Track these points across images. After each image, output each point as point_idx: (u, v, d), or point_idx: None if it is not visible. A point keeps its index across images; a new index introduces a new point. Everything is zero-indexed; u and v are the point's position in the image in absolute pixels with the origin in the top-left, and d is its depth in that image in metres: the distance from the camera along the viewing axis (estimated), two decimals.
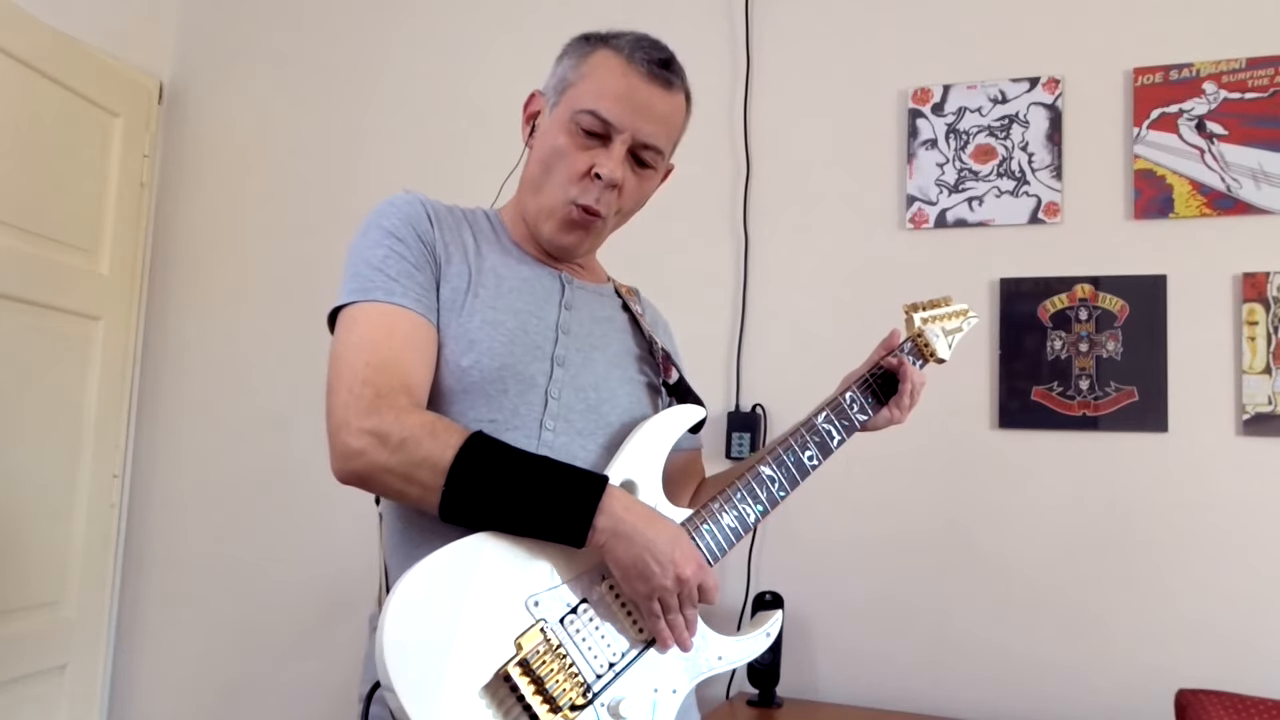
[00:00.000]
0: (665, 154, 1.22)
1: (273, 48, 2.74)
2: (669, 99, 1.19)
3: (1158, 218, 2.05)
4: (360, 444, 1.01)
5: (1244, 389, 1.96)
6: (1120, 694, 1.96)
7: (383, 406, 1.02)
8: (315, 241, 2.60)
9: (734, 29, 2.38)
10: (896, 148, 2.24)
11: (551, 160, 1.17)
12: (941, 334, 1.35)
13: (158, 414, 2.69)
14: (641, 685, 1.07)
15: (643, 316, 1.32)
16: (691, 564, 1.05)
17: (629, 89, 1.15)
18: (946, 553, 2.10)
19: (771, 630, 1.21)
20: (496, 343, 1.13)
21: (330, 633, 2.47)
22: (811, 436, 1.23)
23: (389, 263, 1.10)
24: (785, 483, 1.20)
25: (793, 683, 2.12)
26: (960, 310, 1.39)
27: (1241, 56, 2.03)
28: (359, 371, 1.04)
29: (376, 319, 1.08)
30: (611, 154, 1.15)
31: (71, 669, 2.48)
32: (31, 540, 2.36)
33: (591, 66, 1.17)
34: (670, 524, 1.08)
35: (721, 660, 1.15)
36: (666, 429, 1.17)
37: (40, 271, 2.36)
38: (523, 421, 1.12)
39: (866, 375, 1.28)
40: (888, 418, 1.29)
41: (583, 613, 1.06)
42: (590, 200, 1.16)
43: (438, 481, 1.01)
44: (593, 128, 1.15)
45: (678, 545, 1.05)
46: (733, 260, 2.32)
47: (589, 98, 1.15)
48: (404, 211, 1.15)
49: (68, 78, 2.41)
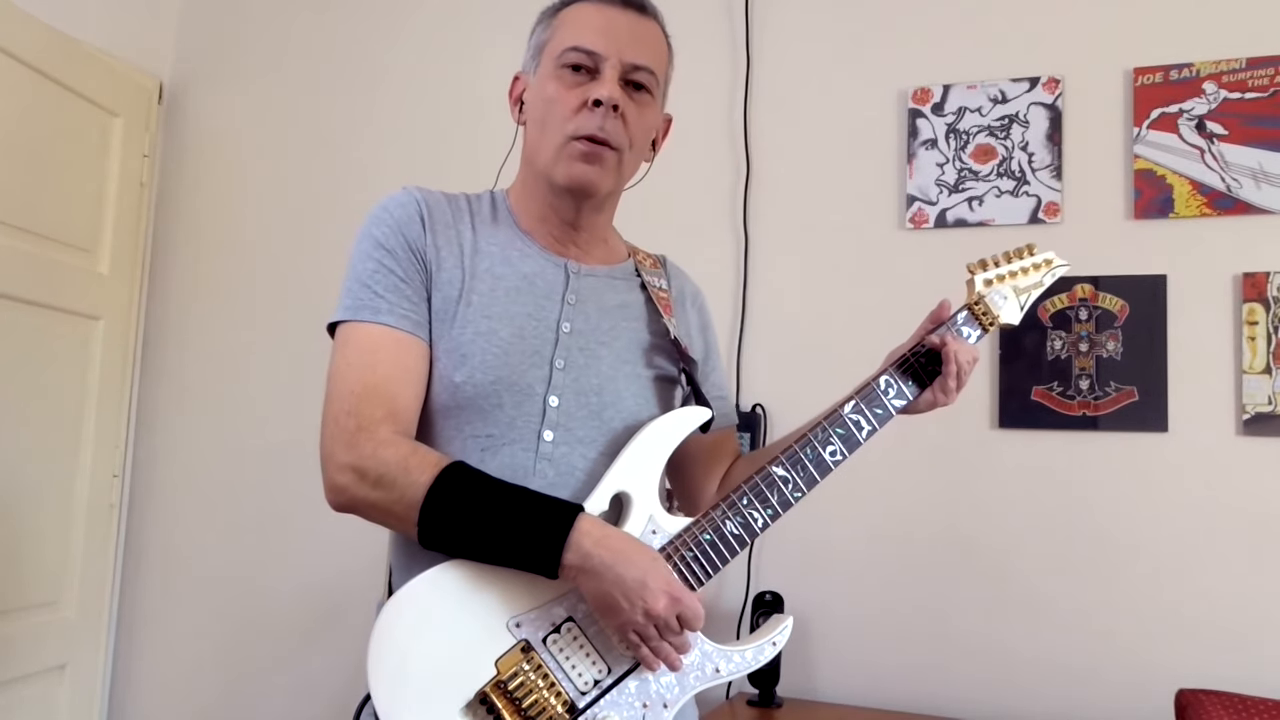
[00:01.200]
0: (659, 78, 1.18)
1: (273, 48, 2.74)
2: (646, 24, 1.18)
3: (1158, 218, 2.05)
4: (343, 480, 1.05)
5: (1244, 389, 1.96)
6: (1120, 694, 1.96)
7: (361, 440, 1.04)
8: (315, 241, 2.60)
9: (734, 29, 2.38)
10: (896, 148, 2.24)
11: (545, 112, 1.15)
12: (1012, 293, 1.22)
13: (157, 414, 2.69)
14: (631, 702, 1.06)
15: (663, 292, 1.26)
16: (663, 599, 1.01)
17: (606, 20, 1.15)
18: (946, 552, 2.10)
19: (779, 639, 1.14)
20: (490, 355, 1.11)
21: (330, 632, 2.47)
22: (835, 429, 1.15)
23: (377, 278, 1.10)
24: (802, 483, 1.14)
25: (793, 683, 2.12)
26: (1042, 260, 1.24)
27: (1241, 56, 2.03)
28: (344, 401, 1.06)
29: (363, 341, 1.09)
30: (605, 79, 1.13)
31: (71, 669, 2.48)
32: (31, 540, 2.36)
33: (563, 19, 1.17)
34: (644, 556, 1.03)
35: (719, 674, 1.11)
36: (665, 435, 1.14)
37: (40, 271, 2.36)
38: (520, 434, 1.11)
39: (907, 355, 1.19)
40: (930, 401, 1.19)
41: (566, 632, 1.06)
42: (593, 128, 1.12)
43: (413, 516, 1.02)
44: (580, 61, 1.14)
45: (649, 578, 1.01)
46: (733, 260, 2.32)
47: (567, 39, 1.15)
48: (396, 217, 1.14)
49: (68, 78, 2.41)
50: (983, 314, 1.21)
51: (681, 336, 1.23)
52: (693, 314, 1.32)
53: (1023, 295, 1.22)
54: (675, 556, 1.09)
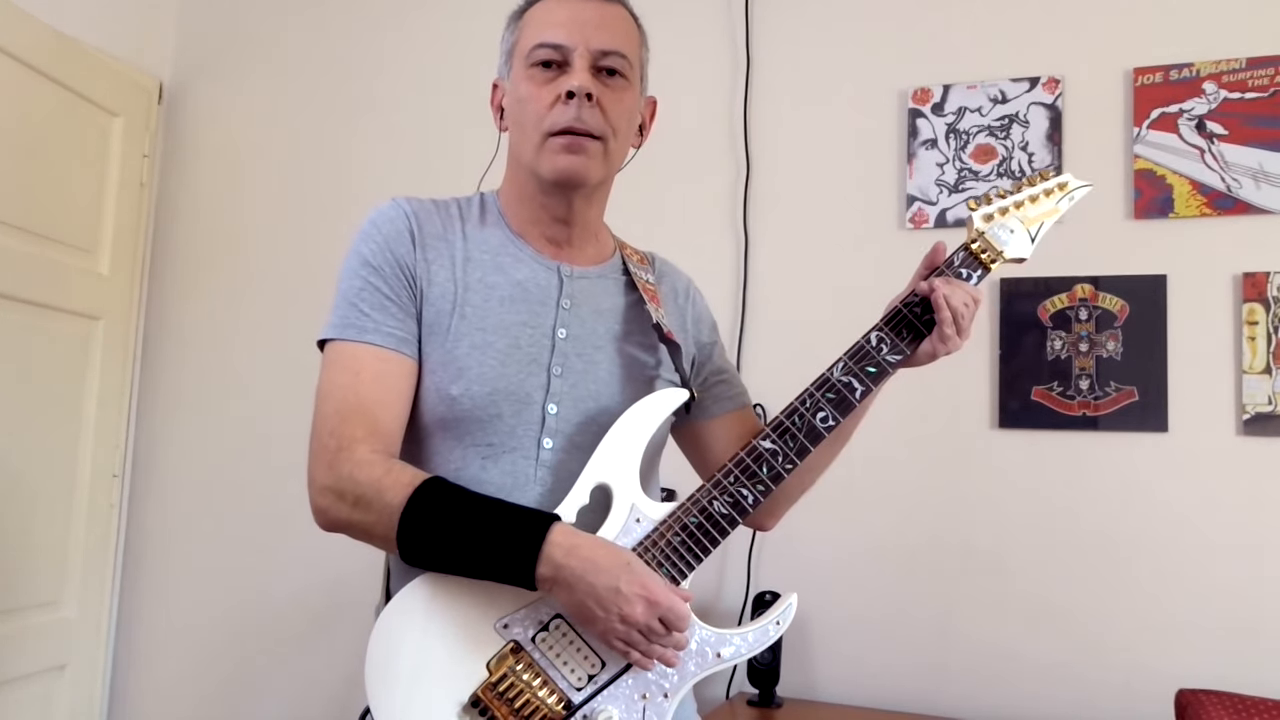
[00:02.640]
0: (631, 61, 1.17)
1: (272, 47, 2.74)
2: (611, 8, 1.17)
3: (1158, 218, 2.05)
4: (324, 501, 1.07)
5: (1244, 389, 1.96)
6: (1120, 694, 1.96)
7: (341, 461, 1.05)
8: (315, 241, 2.60)
9: (734, 29, 2.38)
10: (896, 148, 2.24)
11: (522, 112, 1.15)
12: (1019, 225, 1.13)
13: (157, 414, 2.69)
14: (629, 693, 1.06)
15: (650, 286, 1.26)
16: (639, 604, 0.99)
17: (569, 12, 1.14)
18: (946, 552, 2.10)
19: (783, 619, 1.10)
20: (486, 367, 1.11)
21: (330, 632, 2.47)
22: (826, 394, 1.11)
23: (364, 295, 1.11)
24: (793, 454, 1.10)
25: (793, 683, 2.12)
26: (1055, 185, 1.16)
27: (1241, 56, 2.03)
28: (327, 421, 1.08)
29: (347, 361, 1.10)
30: (575, 70, 1.12)
31: (71, 669, 2.48)
32: (31, 540, 2.36)
33: (528, 19, 1.18)
34: (616, 561, 1.00)
35: (721, 659, 1.08)
36: (639, 421, 1.12)
37: (40, 271, 2.36)
38: (519, 442, 1.12)
39: (899, 307, 1.14)
40: (930, 352, 1.14)
41: (555, 629, 1.05)
42: (570, 120, 1.11)
43: (393, 536, 1.03)
44: (548, 57, 1.13)
45: (623, 584, 0.99)
46: (733, 260, 2.32)
47: (535, 36, 1.15)
48: (385, 233, 1.14)
49: (68, 78, 2.41)
50: (982, 252, 1.14)
51: (664, 324, 1.22)
52: (688, 307, 1.31)
53: (1033, 225, 1.13)
54: (661, 543, 1.07)
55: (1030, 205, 1.15)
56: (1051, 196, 1.16)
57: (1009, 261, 1.15)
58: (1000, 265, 1.15)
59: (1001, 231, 1.14)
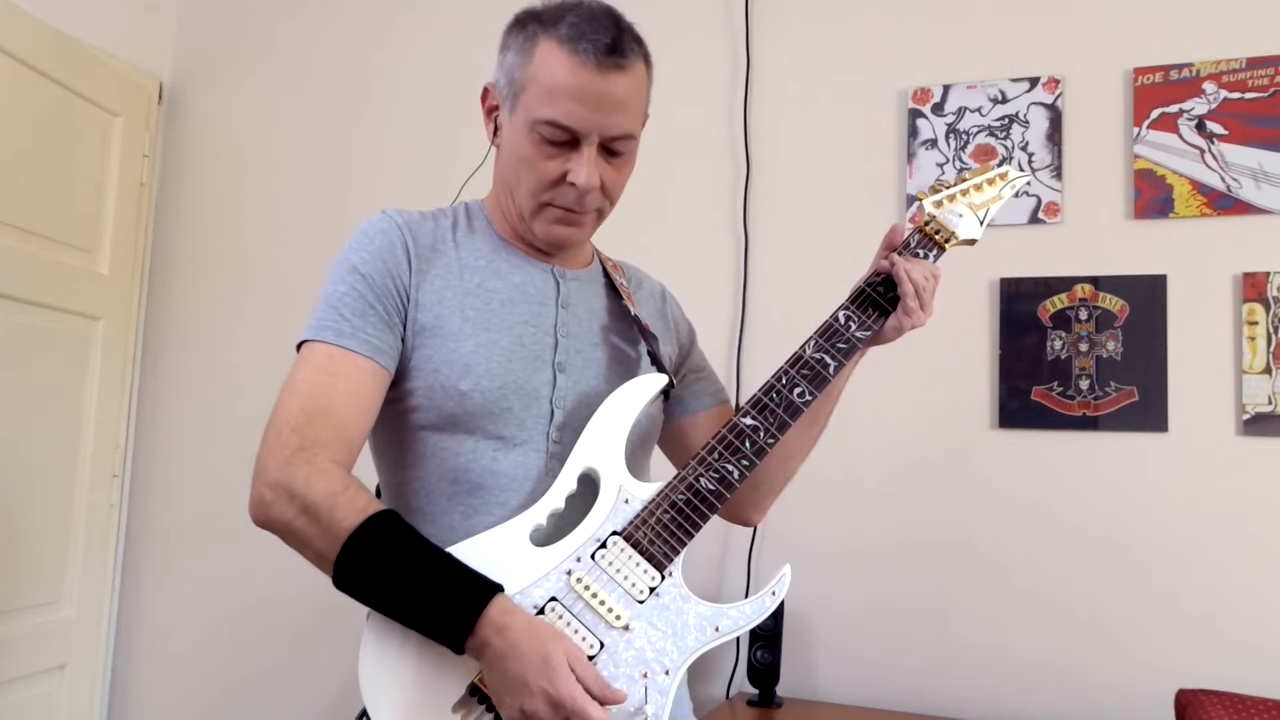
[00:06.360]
0: (636, 133, 1.16)
1: (272, 47, 2.74)
2: (626, 80, 1.10)
3: (1158, 218, 2.05)
4: (270, 496, 1.03)
5: (1244, 389, 1.96)
6: (1120, 694, 1.96)
7: (299, 461, 1.02)
8: (315, 241, 2.60)
9: (734, 29, 2.38)
10: (896, 148, 2.24)
11: (521, 169, 1.13)
12: (968, 210, 1.22)
13: (157, 414, 2.69)
14: (629, 674, 1.05)
15: (625, 285, 1.28)
16: (541, 701, 0.94)
17: (581, 88, 1.08)
18: (946, 552, 2.10)
19: (779, 589, 1.10)
20: (494, 363, 1.12)
21: (329, 632, 2.47)
22: (800, 370, 1.15)
23: (347, 301, 1.09)
24: (774, 429, 1.12)
25: (793, 683, 2.12)
26: (996, 175, 1.24)
27: (1241, 56, 2.03)
28: (291, 417, 1.05)
29: (323, 362, 1.08)
30: (583, 159, 1.10)
31: (71, 669, 2.48)
32: (31, 540, 2.36)
33: (537, 66, 1.10)
34: (537, 652, 0.96)
35: (719, 632, 1.07)
36: (622, 405, 1.14)
37: (40, 271, 2.36)
38: (530, 435, 1.13)
39: (863, 286, 1.19)
40: (896, 327, 1.18)
41: (550, 611, 1.04)
42: (570, 203, 1.13)
43: (331, 556, 1.01)
44: (556, 137, 1.10)
45: (532, 678, 0.95)
46: (733, 260, 2.32)
47: (544, 105, 1.09)
48: (377, 244, 1.12)
49: (67, 78, 2.41)
50: (935, 232, 1.22)
51: (642, 318, 1.25)
52: (667, 309, 1.35)
53: (980, 210, 1.23)
54: (651, 520, 1.08)
55: (975, 192, 1.24)
56: (995, 185, 1.25)
57: (961, 242, 1.22)
58: (955, 245, 1.22)
59: (951, 215, 1.22)
